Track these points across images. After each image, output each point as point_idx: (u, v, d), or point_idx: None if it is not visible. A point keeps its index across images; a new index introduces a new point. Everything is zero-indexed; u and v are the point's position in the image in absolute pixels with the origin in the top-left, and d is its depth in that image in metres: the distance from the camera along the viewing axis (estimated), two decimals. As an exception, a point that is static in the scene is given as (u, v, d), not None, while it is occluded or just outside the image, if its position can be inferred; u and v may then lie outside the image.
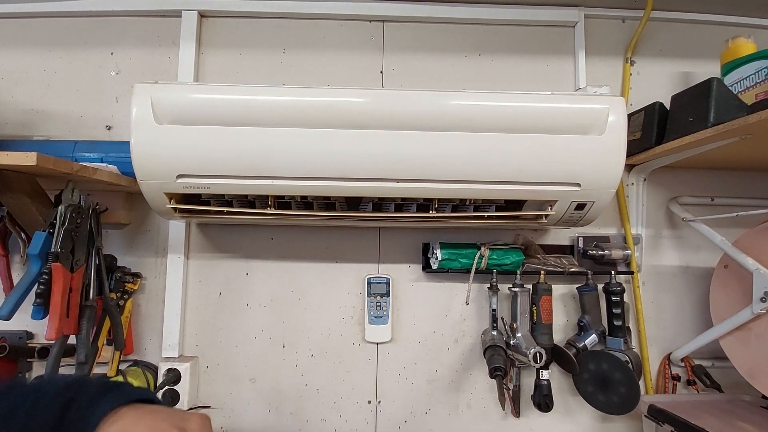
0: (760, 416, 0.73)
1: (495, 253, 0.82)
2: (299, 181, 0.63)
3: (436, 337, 0.88)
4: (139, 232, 0.86)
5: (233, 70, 0.90)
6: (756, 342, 0.73)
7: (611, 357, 0.78)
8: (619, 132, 0.62)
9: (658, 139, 0.78)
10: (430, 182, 0.63)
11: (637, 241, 0.88)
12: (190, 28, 0.88)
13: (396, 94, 0.62)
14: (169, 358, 0.82)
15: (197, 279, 0.87)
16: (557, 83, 0.92)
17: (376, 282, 0.86)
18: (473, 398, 0.87)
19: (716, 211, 0.85)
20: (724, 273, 0.80)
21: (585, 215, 0.70)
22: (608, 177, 0.64)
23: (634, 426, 0.87)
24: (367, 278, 0.86)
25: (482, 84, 0.91)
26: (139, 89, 0.60)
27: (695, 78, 0.90)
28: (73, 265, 0.63)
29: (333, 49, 0.91)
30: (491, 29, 0.93)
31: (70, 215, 0.63)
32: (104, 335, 0.72)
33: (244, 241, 0.87)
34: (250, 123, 0.61)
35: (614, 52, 0.93)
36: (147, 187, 0.63)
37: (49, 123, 0.87)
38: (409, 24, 0.92)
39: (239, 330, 0.86)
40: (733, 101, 0.69)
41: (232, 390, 0.85)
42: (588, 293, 0.83)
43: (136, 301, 0.85)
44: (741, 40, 0.78)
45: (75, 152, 0.76)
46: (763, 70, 0.71)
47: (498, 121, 0.62)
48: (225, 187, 0.63)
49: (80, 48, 0.89)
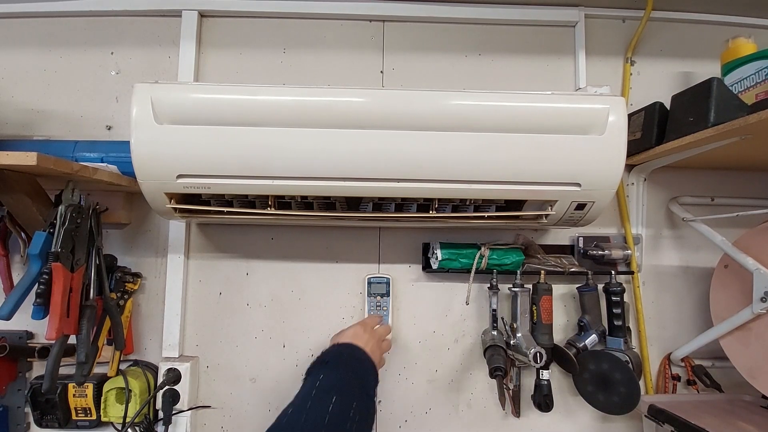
0: (760, 416, 0.73)
1: (495, 253, 0.82)
2: (299, 181, 0.63)
3: (436, 337, 0.88)
4: (139, 232, 0.86)
5: (233, 69, 0.90)
6: (756, 342, 0.73)
7: (611, 357, 0.78)
8: (619, 132, 0.62)
9: (658, 139, 0.78)
10: (430, 182, 0.63)
11: (637, 241, 0.88)
12: (190, 27, 0.88)
13: (396, 93, 0.62)
14: (170, 357, 0.82)
15: (197, 279, 0.87)
16: (557, 83, 0.92)
17: (376, 282, 0.86)
18: (473, 398, 0.87)
19: (716, 211, 0.85)
20: (725, 273, 0.80)
21: (585, 215, 0.70)
22: (608, 177, 0.64)
23: (635, 426, 0.87)
24: (367, 278, 0.86)
25: (482, 84, 0.91)
26: (139, 89, 0.60)
27: (695, 78, 0.90)
28: (73, 264, 0.63)
29: (333, 49, 0.91)
30: (491, 29, 0.93)
31: (71, 215, 0.63)
32: (104, 335, 0.72)
33: (244, 241, 0.87)
34: (250, 123, 0.60)
35: (614, 52, 0.93)
36: (147, 187, 0.63)
37: (49, 123, 0.87)
38: (410, 24, 0.92)
39: (239, 330, 0.86)
40: (734, 101, 0.69)
41: (232, 390, 0.85)
42: (588, 293, 0.83)
43: (137, 300, 0.85)
44: (741, 40, 0.78)
45: (75, 152, 0.76)
46: (763, 70, 0.71)
47: (498, 120, 0.62)
48: (225, 187, 0.63)
49: (80, 48, 0.89)
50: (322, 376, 0.56)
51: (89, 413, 0.77)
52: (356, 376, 0.58)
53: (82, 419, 0.78)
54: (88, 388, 0.77)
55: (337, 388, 0.54)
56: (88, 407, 0.77)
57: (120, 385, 0.76)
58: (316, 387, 0.54)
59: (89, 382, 0.77)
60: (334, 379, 0.56)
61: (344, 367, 0.60)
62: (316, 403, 0.51)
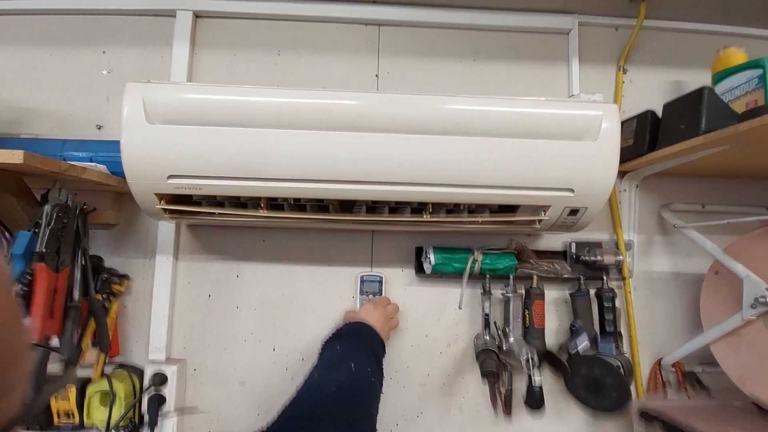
0: (750, 422, 0.74)
1: (488, 257, 0.82)
2: (292, 183, 0.62)
3: (428, 341, 0.87)
4: (127, 233, 0.85)
5: (227, 71, 0.89)
6: (746, 348, 0.73)
7: (603, 362, 0.78)
8: (612, 138, 0.63)
9: (650, 147, 0.79)
10: (424, 186, 0.63)
11: (629, 246, 0.89)
12: (184, 28, 0.87)
13: (391, 97, 0.62)
14: (156, 360, 0.81)
15: (186, 281, 0.85)
16: (551, 90, 0.93)
17: (369, 280, 0.86)
18: (465, 402, 0.86)
19: (707, 218, 0.86)
20: (715, 279, 0.81)
21: (578, 220, 0.70)
22: (601, 183, 0.64)
23: (626, 430, 0.87)
24: (360, 276, 0.86)
25: (477, 89, 0.91)
26: (131, 88, 0.59)
27: (687, 87, 0.91)
28: (58, 265, 0.62)
29: (328, 52, 0.91)
30: (486, 35, 0.93)
31: (57, 215, 0.62)
32: (89, 337, 0.71)
33: (235, 243, 0.86)
34: (243, 124, 0.60)
35: (607, 60, 0.94)
36: (137, 188, 0.62)
37: (38, 121, 0.86)
38: (405, 28, 0.92)
39: (229, 332, 0.85)
40: (724, 110, 0.70)
41: (220, 393, 0.84)
42: (580, 298, 0.83)
43: (123, 302, 0.83)
44: (732, 49, 0.79)
45: (64, 151, 0.75)
46: (753, 80, 0.72)
47: (492, 125, 0.62)
48: (217, 188, 0.62)
49: (71, 46, 0.88)
50: (338, 346, 0.64)
51: (72, 417, 0.75)
52: (368, 348, 0.66)
53: (65, 423, 0.76)
54: (71, 391, 0.75)
55: (353, 355, 0.62)
56: (71, 411, 0.75)
57: (104, 388, 0.75)
58: (337, 352, 0.63)
59: (72, 385, 0.75)
60: (351, 348, 0.64)
61: (357, 339, 0.67)
62: (338, 365, 0.59)
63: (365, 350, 0.65)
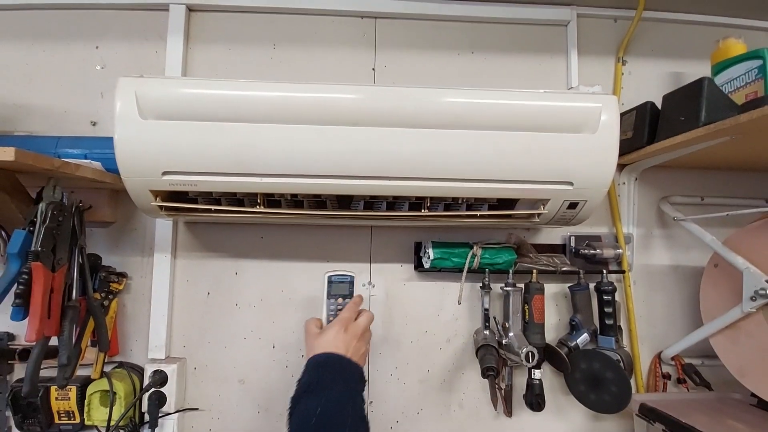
0: (749, 414, 0.74)
1: (487, 252, 0.81)
2: (289, 178, 0.62)
3: (428, 336, 0.87)
4: (124, 231, 0.84)
5: (222, 65, 0.88)
6: (746, 340, 0.73)
7: (603, 356, 0.78)
8: (611, 131, 0.62)
9: (649, 139, 0.78)
10: (422, 180, 0.63)
11: (628, 240, 0.89)
12: (177, 22, 0.86)
13: (388, 90, 0.61)
14: (156, 359, 0.80)
15: (185, 278, 0.85)
16: (550, 82, 0.92)
17: (337, 281, 0.70)
18: (465, 398, 0.86)
19: (706, 211, 0.85)
20: (715, 272, 0.81)
21: (577, 214, 0.70)
22: (600, 176, 0.64)
23: (626, 425, 0.87)
24: (326, 276, 0.70)
25: (475, 82, 0.91)
26: (124, 83, 0.58)
27: (686, 78, 0.91)
28: (54, 264, 0.61)
29: (324, 46, 0.90)
30: (484, 27, 0.92)
31: (52, 213, 0.61)
32: (88, 336, 0.70)
33: (233, 240, 0.86)
34: (238, 119, 0.59)
35: (606, 52, 0.93)
36: (132, 185, 0.61)
37: (31, 118, 0.85)
38: (402, 21, 0.91)
39: (228, 330, 0.84)
40: (724, 101, 0.69)
41: (220, 391, 0.84)
42: (580, 292, 0.83)
43: (122, 301, 0.83)
44: (731, 40, 0.79)
45: (58, 148, 0.74)
46: (753, 70, 0.71)
47: (491, 118, 0.62)
48: (213, 185, 0.62)
49: (64, 41, 0.87)
50: (306, 408, 0.52)
51: (72, 416, 0.75)
52: (343, 393, 0.55)
53: (65, 423, 0.76)
54: (71, 391, 0.74)
55: (327, 417, 0.51)
56: (72, 410, 0.75)
57: (104, 387, 0.74)
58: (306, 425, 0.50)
59: (72, 384, 0.74)
60: (323, 407, 0.52)
61: (329, 389, 0.54)
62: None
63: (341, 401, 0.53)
